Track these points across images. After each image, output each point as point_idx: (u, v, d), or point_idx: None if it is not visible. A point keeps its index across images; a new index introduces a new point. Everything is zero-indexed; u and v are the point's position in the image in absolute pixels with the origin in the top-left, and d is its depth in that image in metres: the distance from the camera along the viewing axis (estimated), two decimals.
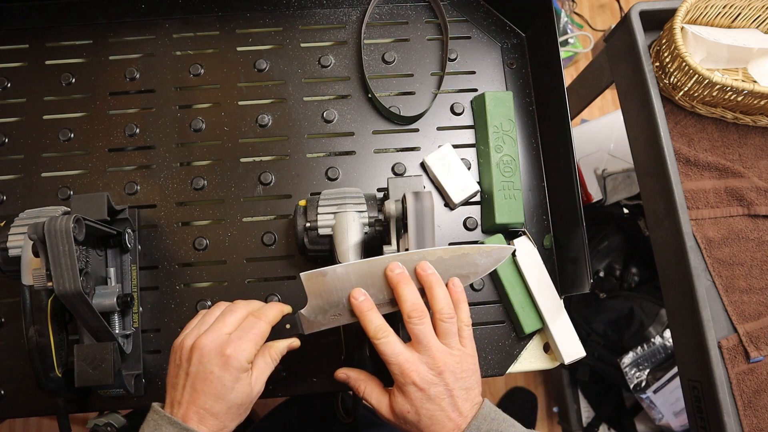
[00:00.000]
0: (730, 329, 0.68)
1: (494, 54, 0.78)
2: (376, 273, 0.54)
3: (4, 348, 0.67)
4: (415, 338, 0.52)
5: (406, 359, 0.51)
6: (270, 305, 0.55)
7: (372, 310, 0.53)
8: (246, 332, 0.51)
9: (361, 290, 0.53)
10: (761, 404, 0.66)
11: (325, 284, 0.53)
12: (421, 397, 0.50)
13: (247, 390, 0.50)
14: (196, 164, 0.73)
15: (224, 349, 0.49)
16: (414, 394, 0.50)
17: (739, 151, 0.75)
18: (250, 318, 0.52)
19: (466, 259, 0.55)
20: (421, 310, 0.52)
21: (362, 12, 0.78)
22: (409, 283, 0.53)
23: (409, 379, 0.50)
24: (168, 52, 0.76)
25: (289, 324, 0.55)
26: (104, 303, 0.59)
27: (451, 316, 0.52)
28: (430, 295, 0.53)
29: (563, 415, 1.40)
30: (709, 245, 0.70)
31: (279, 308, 0.55)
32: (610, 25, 1.68)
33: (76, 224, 0.52)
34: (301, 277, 0.53)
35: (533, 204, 0.74)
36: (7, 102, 0.74)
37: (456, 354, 0.52)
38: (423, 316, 0.52)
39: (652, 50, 0.74)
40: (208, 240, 0.70)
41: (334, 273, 0.53)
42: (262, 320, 0.52)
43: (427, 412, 0.50)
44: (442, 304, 0.52)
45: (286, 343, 0.55)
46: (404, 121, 0.75)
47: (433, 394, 0.50)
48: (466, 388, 0.52)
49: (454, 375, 0.51)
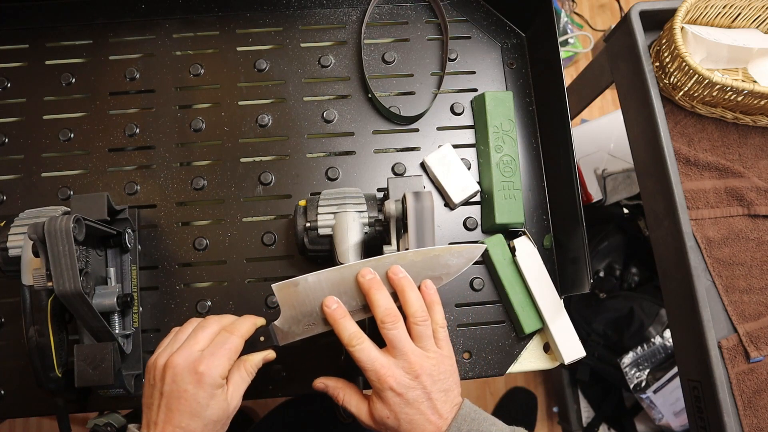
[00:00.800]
0: (730, 329, 0.68)
1: (494, 54, 0.78)
2: (348, 280, 0.53)
3: (4, 348, 0.67)
4: (389, 343, 0.51)
5: (382, 365, 0.50)
6: (243, 319, 0.55)
7: (345, 317, 0.52)
8: (218, 348, 0.51)
9: (333, 298, 0.53)
10: (761, 404, 0.66)
11: (298, 294, 0.53)
12: (400, 402, 0.50)
13: (223, 406, 0.50)
14: (196, 164, 0.73)
15: (197, 366, 0.49)
16: (392, 400, 0.50)
17: (739, 151, 0.75)
18: (223, 333, 0.52)
19: (437, 260, 0.54)
20: (394, 315, 0.51)
21: (362, 12, 0.78)
22: (381, 289, 0.52)
23: (387, 385, 0.50)
24: (168, 52, 0.76)
25: (263, 336, 0.54)
26: (104, 303, 0.59)
27: (424, 319, 0.52)
28: (403, 299, 0.53)
29: (563, 415, 1.40)
30: (709, 245, 0.70)
31: (252, 321, 0.55)
32: (610, 25, 1.68)
33: (76, 224, 0.52)
34: (272, 289, 0.53)
35: (533, 204, 0.74)
36: (7, 102, 0.74)
37: (432, 357, 0.52)
38: (396, 320, 0.51)
39: (652, 50, 0.74)
40: (208, 240, 0.70)
41: (306, 282, 0.53)
42: (235, 335, 0.52)
43: (406, 417, 0.50)
44: (416, 307, 0.52)
45: (261, 356, 0.55)
46: (404, 121, 0.75)
47: (411, 398, 0.50)
48: (445, 390, 0.52)
49: (432, 378, 0.51)
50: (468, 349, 0.69)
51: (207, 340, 0.51)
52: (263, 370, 0.55)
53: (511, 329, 0.70)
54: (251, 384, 0.58)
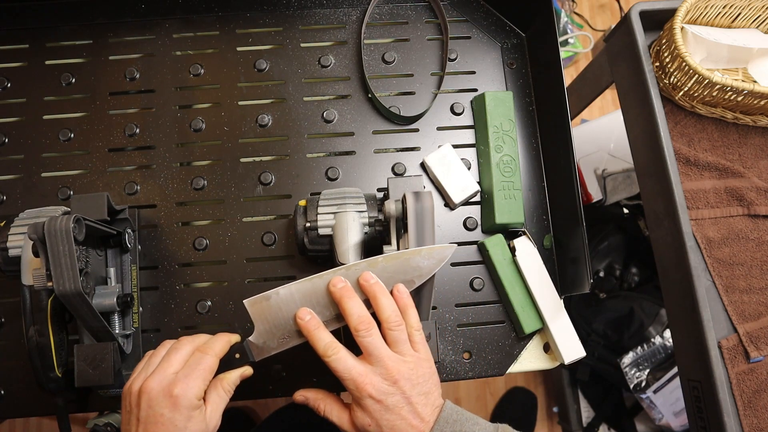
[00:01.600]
0: (730, 329, 0.68)
1: (494, 54, 0.78)
2: (320, 290, 0.53)
3: (4, 348, 0.67)
4: (365, 350, 0.51)
5: (359, 373, 0.50)
6: (216, 337, 0.54)
7: (319, 328, 0.52)
8: (193, 369, 0.50)
9: (306, 310, 0.53)
10: (761, 404, 0.66)
11: (270, 308, 0.53)
12: (380, 409, 0.50)
13: (202, 427, 0.50)
14: (196, 164, 0.73)
15: (172, 389, 0.49)
16: (372, 407, 0.50)
17: (739, 151, 0.75)
18: (196, 353, 0.52)
19: (408, 263, 0.54)
20: (367, 322, 0.51)
21: (362, 12, 0.78)
22: (353, 296, 0.52)
23: (365, 393, 0.50)
24: (168, 52, 0.76)
25: (238, 353, 0.54)
26: (104, 303, 0.59)
27: (398, 324, 0.52)
28: (375, 305, 0.52)
29: (563, 415, 1.40)
30: (709, 245, 0.70)
31: (226, 339, 0.54)
32: (610, 25, 1.68)
33: (76, 224, 0.52)
34: (244, 305, 0.53)
35: (533, 204, 0.74)
36: (7, 102, 0.74)
37: (409, 361, 0.52)
38: (370, 327, 0.51)
39: (652, 50, 0.74)
40: (208, 240, 0.70)
41: (278, 296, 0.53)
42: (209, 354, 0.52)
43: (388, 423, 0.50)
44: (389, 312, 0.52)
45: (237, 373, 0.54)
46: (404, 121, 0.75)
47: (390, 404, 0.50)
48: (425, 393, 0.52)
49: (410, 382, 0.51)
50: (468, 349, 0.69)
51: (181, 361, 0.51)
52: (263, 371, 0.55)
53: (511, 329, 0.70)
54: (251, 384, 0.58)
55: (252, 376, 0.55)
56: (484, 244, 0.70)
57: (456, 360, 0.69)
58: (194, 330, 0.68)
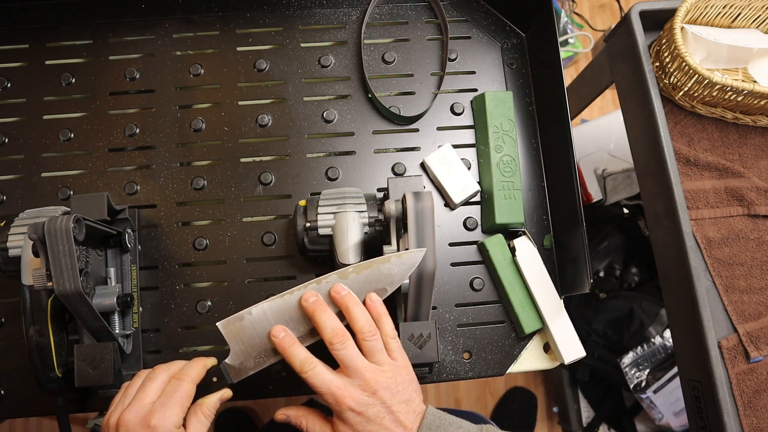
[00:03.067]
0: (730, 329, 0.68)
1: (494, 54, 0.78)
2: (292, 306, 0.53)
3: (4, 348, 0.67)
4: (341, 363, 0.51)
5: (338, 386, 0.50)
6: (192, 363, 0.54)
7: (294, 345, 0.52)
8: (169, 397, 0.50)
9: (280, 327, 0.53)
10: (761, 404, 0.66)
11: (244, 328, 0.53)
12: (361, 421, 0.50)
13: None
14: (196, 164, 0.73)
15: (149, 420, 0.48)
16: (353, 419, 0.50)
17: (739, 151, 0.75)
18: (172, 381, 0.51)
19: (378, 271, 0.54)
20: (341, 335, 0.51)
21: (362, 12, 0.78)
22: (325, 310, 0.52)
23: (345, 406, 0.50)
24: (168, 52, 0.76)
25: (215, 377, 0.54)
26: (104, 303, 0.59)
27: (373, 334, 0.52)
28: (348, 316, 0.52)
29: (563, 415, 1.40)
30: (709, 245, 0.70)
31: (201, 364, 0.54)
32: (610, 25, 1.68)
33: (76, 224, 0.52)
34: (218, 327, 0.53)
35: (533, 204, 0.74)
36: (7, 102, 0.74)
37: (387, 369, 0.52)
38: (345, 339, 0.51)
39: (652, 50, 0.74)
40: (208, 240, 0.70)
41: (251, 315, 0.53)
42: (185, 381, 0.51)
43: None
44: (362, 322, 0.52)
45: (216, 397, 0.54)
46: (404, 121, 0.75)
47: (371, 415, 0.50)
48: (405, 401, 0.51)
49: (390, 391, 0.51)
50: (468, 349, 0.69)
51: (157, 390, 0.51)
52: (263, 371, 0.55)
53: (511, 329, 0.70)
54: (252, 384, 0.58)
55: (252, 377, 0.55)
56: (484, 244, 0.70)
57: (456, 360, 0.69)
58: (194, 330, 0.68)
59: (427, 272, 0.55)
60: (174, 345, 0.68)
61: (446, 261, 0.71)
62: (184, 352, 0.68)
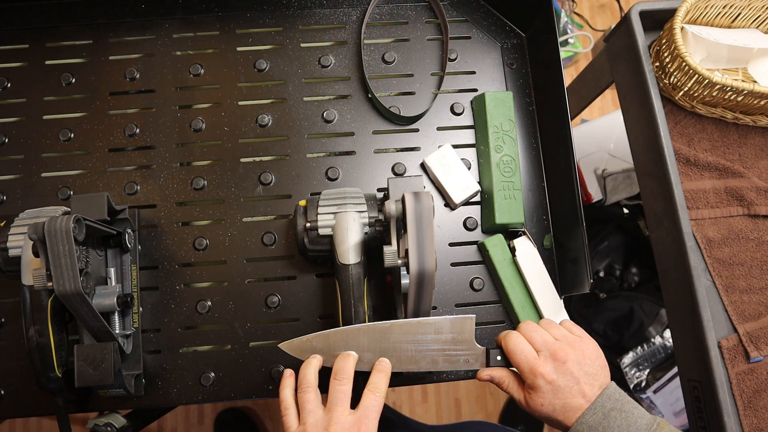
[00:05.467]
0: (730, 329, 0.68)
1: (494, 54, 0.78)
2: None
3: (4, 348, 0.67)
4: (535, 346, 0.56)
5: (534, 357, 0.55)
6: (382, 375, 0.56)
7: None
8: (370, 411, 0.53)
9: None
10: (761, 404, 0.66)
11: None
12: (551, 389, 0.53)
13: None
14: (196, 164, 0.73)
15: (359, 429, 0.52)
16: (544, 387, 0.54)
17: (739, 151, 0.75)
18: (368, 395, 0.54)
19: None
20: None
21: (362, 12, 0.78)
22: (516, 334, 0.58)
23: (538, 373, 0.54)
24: (168, 52, 0.76)
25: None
26: (104, 303, 0.59)
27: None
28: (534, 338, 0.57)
29: None
30: (709, 245, 0.70)
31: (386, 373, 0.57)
32: (610, 25, 1.68)
33: (76, 224, 0.52)
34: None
35: (533, 204, 0.74)
36: (7, 102, 0.74)
37: (576, 343, 0.56)
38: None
39: (652, 50, 0.74)
40: (208, 240, 0.70)
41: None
42: (379, 394, 0.55)
43: (558, 401, 0.54)
44: (545, 337, 0.57)
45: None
46: (404, 121, 0.75)
47: (562, 384, 0.53)
48: (592, 374, 0.54)
49: (578, 363, 0.54)
50: None
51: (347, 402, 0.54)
52: (263, 371, 0.55)
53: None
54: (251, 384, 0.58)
55: (252, 376, 0.55)
56: (484, 244, 0.70)
57: None
58: (194, 330, 0.68)
59: (427, 272, 0.55)
60: (174, 345, 0.68)
61: (446, 261, 0.71)
62: (183, 352, 0.68)
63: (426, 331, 0.57)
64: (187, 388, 0.67)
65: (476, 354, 0.58)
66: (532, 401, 0.55)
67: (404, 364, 0.57)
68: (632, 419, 0.52)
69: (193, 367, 0.67)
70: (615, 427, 0.52)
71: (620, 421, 0.52)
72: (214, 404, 1.37)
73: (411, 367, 0.57)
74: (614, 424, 0.52)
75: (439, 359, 0.57)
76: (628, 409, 0.53)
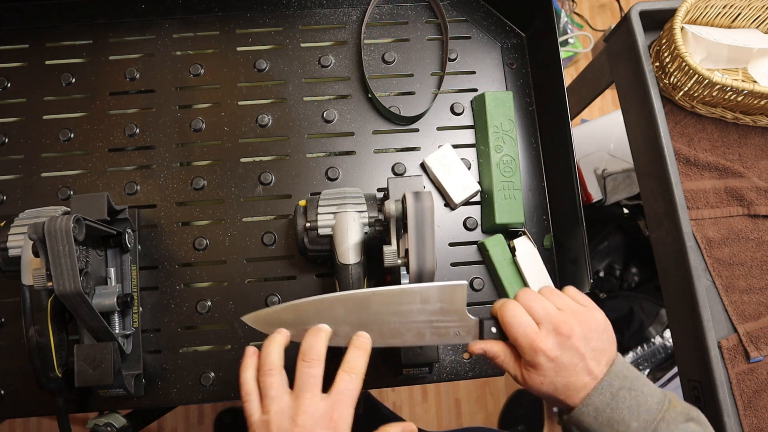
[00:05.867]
0: (730, 329, 0.68)
1: (494, 54, 0.78)
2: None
3: (4, 348, 0.67)
4: (535, 317, 0.50)
5: (534, 330, 0.49)
6: (357, 351, 0.50)
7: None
8: (343, 394, 0.48)
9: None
10: (761, 404, 0.66)
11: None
12: (553, 367, 0.49)
13: None
14: (196, 164, 0.73)
15: (331, 414, 0.47)
16: (546, 365, 0.49)
17: (739, 151, 0.75)
18: (342, 375, 0.49)
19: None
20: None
21: (362, 12, 0.78)
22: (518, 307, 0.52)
23: (539, 349, 0.49)
24: (168, 52, 0.76)
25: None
26: (104, 303, 0.59)
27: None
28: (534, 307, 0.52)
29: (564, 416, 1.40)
30: (709, 245, 0.70)
31: (364, 350, 0.51)
32: (610, 25, 1.68)
33: (76, 224, 0.52)
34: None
35: (533, 204, 0.74)
36: (7, 102, 0.74)
37: (581, 314, 0.51)
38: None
39: (652, 50, 0.74)
40: (208, 240, 0.70)
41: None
42: (356, 375, 0.49)
43: (562, 380, 0.49)
44: (547, 308, 0.52)
45: (399, 428, 0.51)
46: (404, 121, 0.75)
47: (566, 361, 0.49)
48: (600, 350, 0.50)
49: (584, 338, 0.49)
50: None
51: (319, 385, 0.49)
52: None
53: None
54: None
55: None
56: (484, 244, 0.70)
57: (456, 360, 0.69)
58: (194, 330, 0.68)
59: (427, 272, 0.55)
60: (174, 345, 0.68)
61: (446, 261, 0.71)
62: (183, 352, 0.68)
63: (411, 301, 0.51)
64: (187, 388, 0.67)
65: (468, 326, 0.52)
66: (530, 379, 0.50)
67: (386, 338, 0.51)
68: (642, 398, 0.48)
69: (193, 367, 0.67)
70: (624, 408, 0.47)
71: (630, 402, 0.48)
72: (214, 404, 1.37)
73: (394, 342, 0.51)
74: (623, 405, 0.48)
75: (426, 332, 0.51)
76: (637, 387, 0.49)
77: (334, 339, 0.51)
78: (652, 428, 0.47)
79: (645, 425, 0.47)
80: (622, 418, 0.48)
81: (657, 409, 0.48)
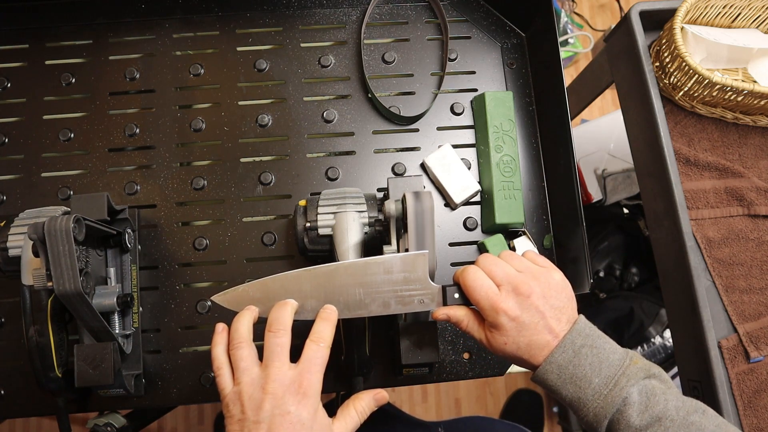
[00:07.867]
0: (730, 329, 0.68)
1: (494, 54, 0.78)
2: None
3: (4, 348, 0.67)
4: (496, 280, 0.52)
5: (495, 292, 0.50)
6: (324, 322, 0.52)
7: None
8: (312, 363, 0.49)
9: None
10: (761, 404, 0.66)
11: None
12: (515, 327, 0.50)
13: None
14: (196, 164, 0.73)
15: (300, 382, 0.48)
16: (507, 324, 0.50)
17: (739, 151, 0.75)
18: (310, 345, 0.50)
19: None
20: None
21: (362, 12, 0.78)
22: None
23: (500, 310, 0.50)
24: (168, 52, 0.76)
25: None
26: (104, 303, 0.59)
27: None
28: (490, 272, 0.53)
29: (563, 415, 1.40)
30: (709, 245, 0.70)
31: (331, 322, 0.52)
32: (610, 25, 1.68)
33: (76, 224, 0.52)
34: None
35: (533, 204, 0.74)
36: (7, 102, 0.74)
37: (540, 274, 0.52)
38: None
39: (652, 50, 0.74)
40: (208, 240, 0.70)
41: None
42: (323, 344, 0.50)
43: (524, 340, 0.50)
44: (507, 270, 0.53)
45: (371, 395, 0.53)
46: (404, 121, 0.75)
47: (527, 320, 0.50)
48: (558, 308, 0.51)
49: (543, 297, 0.50)
50: (468, 349, 0.69)
51: (287, 356, 0.50)
52: None
53: None
54: None
55: None
56: (484, 244, 0.70)
57: (456, 360, 0.69)
58: (194, 330, 0.68)
59: None
60: (174, 345, 0.68)
61: (446, 261, 0.71)
62: (183, 352, 0.68)
63: (375, 272, 0.52)
64: (187, 388, 0.67)
65: (431, 293, 0.53)
66: (494, 340, 0.51)
67: (352, 309, 0.53)
68: (604, 355, 0.49)
69: (193, 367, 0.67)
70: (586, 365, 0.49)
71: (591, 359, 0.49)
72: (214, 404, 1.37)
73: (360, 312, 0.53)
74: (585, 362, 0.49)
75: (390, 302, 0.53)
76: (599, 344, 0.50)
77: (302, 313, 0.52)
78: (613, 383, 0.48)
79: (606, 381, 0.48)
80: (584, 374, 0.49)
81: (618, 365, 0.49)
